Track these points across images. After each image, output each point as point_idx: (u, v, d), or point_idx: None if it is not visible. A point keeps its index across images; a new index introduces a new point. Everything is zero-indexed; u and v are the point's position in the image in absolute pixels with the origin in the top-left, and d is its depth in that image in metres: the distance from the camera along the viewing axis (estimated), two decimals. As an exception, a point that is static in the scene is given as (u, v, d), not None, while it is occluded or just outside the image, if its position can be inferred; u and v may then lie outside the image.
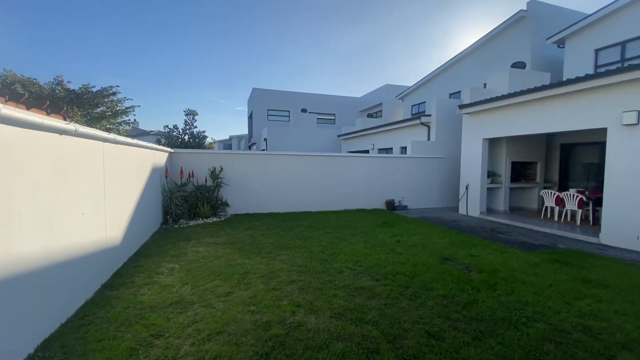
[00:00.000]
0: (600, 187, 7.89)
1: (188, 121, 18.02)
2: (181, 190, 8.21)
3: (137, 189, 5.54)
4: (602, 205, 6.50)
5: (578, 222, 7.94)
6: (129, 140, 4.97)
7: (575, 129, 6.99)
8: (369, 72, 72.79)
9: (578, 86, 6.59)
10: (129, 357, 2.44)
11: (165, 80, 73.84)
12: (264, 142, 20.48)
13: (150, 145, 6.51)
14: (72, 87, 15.95)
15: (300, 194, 9.99)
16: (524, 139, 9.92)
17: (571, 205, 8.00)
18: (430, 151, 11.56)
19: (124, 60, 54.04)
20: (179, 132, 17.76)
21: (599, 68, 9.87)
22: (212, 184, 8.92)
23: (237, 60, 67.06)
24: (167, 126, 17.87)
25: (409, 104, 19.68)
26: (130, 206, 5.14)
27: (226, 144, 40.93)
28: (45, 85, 15.30)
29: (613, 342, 2.73)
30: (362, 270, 4.51)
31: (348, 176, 10.48)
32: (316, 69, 71.39)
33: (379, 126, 15.45)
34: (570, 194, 8.05)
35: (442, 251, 5.54)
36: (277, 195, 9.74)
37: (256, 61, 72.46)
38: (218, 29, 54.97)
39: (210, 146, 20.47)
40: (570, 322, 3.07)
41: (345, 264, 4.77)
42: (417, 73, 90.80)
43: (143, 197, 5.83)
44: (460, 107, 9.88)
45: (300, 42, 59.74)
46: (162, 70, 67.90)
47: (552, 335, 2.83)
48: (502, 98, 8.36)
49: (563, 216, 8.37)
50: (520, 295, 3.67)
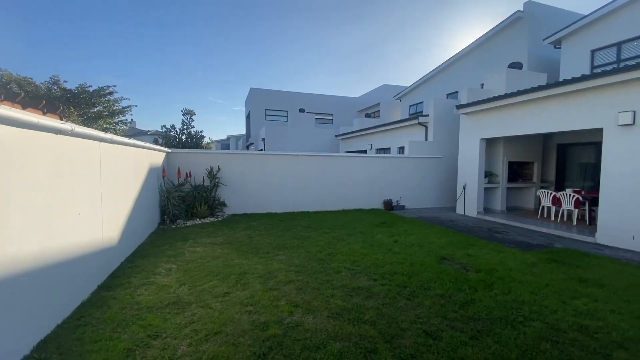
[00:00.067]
0: (596, 187, 7.96)
1: (185, 121, 17.96)
2: (178, 190, 8.18)
3: (134, 189, 5.51)
4: (598, 205, 6.54)
5: (574, 221, 7.99)
6: (126, 140, 4.95)
7: (571, 129, 7.03)
8: (368, 72, 72.99)
9: (574, 87, 6.63)
10: (125, 358, 2.43)
11: (163, 80, 73.72)
12: (262, 142, 20.46)
13: (148, 145, 6.49)
14: (68, 86, 15.87)
15: (298, 194, 9.99)
16: (521, 139, 9.98)
17: (568, 205, 8.04)
18: (427, 151, 11.59)
19: (121, 60, 53.97)
20: (176, 132, 17.69)
21: (595, 69, 9.93)
22: (209, 184, 8.90)
23: (235, 60, 67.07)
24: (164, 126, 17.79)
25: (406, 104, 19.73)
26: (127, 206, 5.11)
27: (224, 144, 40.80)
28: (41, 85, 15.21)
29: (609, 341, 2.75)
30: (359, 270, 4.51)
31: (346, 176, 10.49)
32: (316, 69, 71.48)
33: (376, 126, 15.47)
34: (566, 194, 8.09)
35: (440, 251, 5.56)
36: (275, 195, 9.73)
37: (254, 61, 72.52)
38: (217, 29, 54.95)
39: (207, 146, 20.40)
40: (566, 321, 3.09)
41: (343, 263, 4.78)
42: (415, 73, 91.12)
43: (140, 197, 5.81)
44: (458, 107, 9.91)
45: (299, 42, 59.79)
46: (159, 70, 67.78)
47: (548, 335, 2.85)
48: (499, 98, 8.40)
49: (560, 216, 8.42)
50: (517, 295, 3.69)
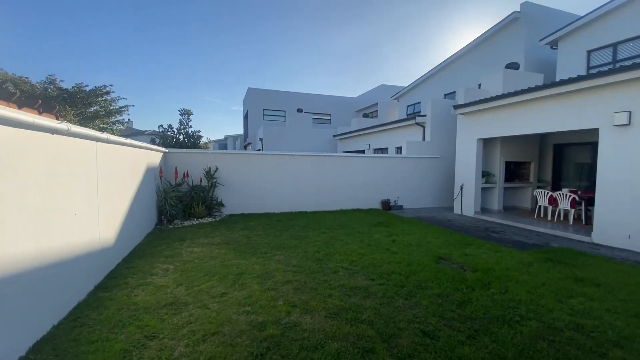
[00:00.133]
0: (592, 186, 8.00)
1: (183, 121, 17.87)
2: (176, 190, 8.15)
3: (131, 189, 5.48)
4: (594, 204, 6.59)
5: (571, 221, 8.04)
6: (122, 139, 4.92)
7: (567, 130, 7.07)
8: (366, 73, 73.12)
9: (571, 87, 6.67)
10: (122, 359, 2.42)
11: (160, 80, 73.33)
12: (260, 142, 20.43)
13: (145, 144, 6.45)
14: (64, 86, 15.76)
15: (296, 194, 9.97)
16: (518, 139, 10.03)
17: (564, 204, 8.09)
18: (425, 151, 11.61)
19: (118, 60, 53.63)
20: (173, 131, 17.60)
21: (591, 69, 10.00)
22: (207, 184, 8.87)
23: (232, 60, 66.76)
24: (161, 126, 17.71)
25: (404, 104, 19.77)
26: (124, 206, 5.09)
27: (221, 144, 40.71)
28: (37, 84, 15.07)
29: (605, 340, 2.77)
30: (357, 269, 4.52)
31: (344, 176, 10.49)
32: (314, 69, 71.42)
33: (374, 126, 15.49)
34: (563, 194, 8.14)
35: (437, 250, 5.57)
36: (273, 196, 9.72)
37: (252, 61, 72.26)
38: (215, 29, 54.81)
39: (205, 146, 20.33)
40: (562, 320, 3.10)
41: (341, 263, 4.78)
42: (413, 73, 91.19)
43: (137, 197, 5.78)
44: (455, 107, 9.95)
45: (298, 42, 59.66)
46: (156, 69, 67.39)
47: (545, 333, 2.86)
48: (496, 98, 8.43)
49: (556, 215, 8.48)
50: (513, 294, 3.71)
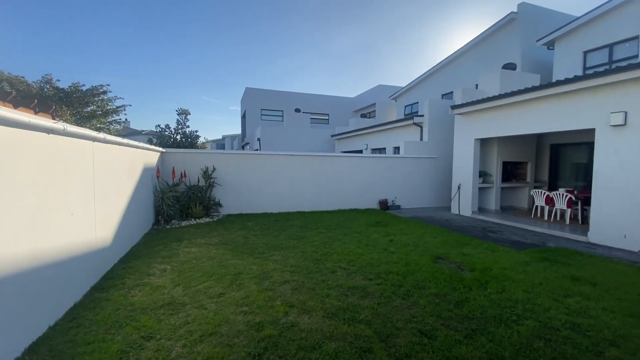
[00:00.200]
0: (588, 186, 8.07)
1: (180, 120, 17.84)
2: (173, 190, 8.12)
3: (128, 189, 5.46)
4: (590, 204, 6.63)
5: (567, 221, 8.08)
6: (119, 139, 4.89)
7: (564, 130, 7.11)
8: (365, 73, 73.19)
9: (567, 87, 6.71)
10: (119, 360, 2.41)
11: (157, 80, 73.11)
12: (258, 142, 20.40)
13: (142, 144, 6.43)
14: (61, 85, 15.68)
15: (294, 194, 9.97)
16: (515, 139, 10.08)
17: (560, 204, 8.14)
18: (423, 151, 11.64)
19: (116, 59, 53.38)
20: (171, 131, 17.57)
21: (587, 70, 10.07)
22: (204, 184, 8.84)
23: (230, 59, 66.74)
24: (159, 125, 17.68)
25: (401, 105, 19.82)
26: (121, 207, 5.06)
27: (219, 144, 40.61)
28: (33, 84, 15.00)
29: (601, 339, 2.79)
30: (355, 269, 4.52)
31: (341, 176, 10.49)
32: (312, 69, 71.49)
33: (372, 126, 15.50)
34: (559, 194, 8.19)
35: (435, 250, 5.59)
36: (271, 196, 9.70)
37: (250, 61, 72.29)
38: (214, 28, 54.68)
39: (202, 146, 20.29)
40: (559, 320, 3.12)
41: (339, 263, 4.78)
42: (411, 74, 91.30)
43: (134, 197, 5.75)
44: (452, 107, 9.98)
45: (296, 42, 59.77)
46: (153, 69, 67.20)
47: (541, 333, 2.88)
48: (493, 99, 8.47)
49: (553, 215, 8.52)
50: (510, 293, 3.72)
